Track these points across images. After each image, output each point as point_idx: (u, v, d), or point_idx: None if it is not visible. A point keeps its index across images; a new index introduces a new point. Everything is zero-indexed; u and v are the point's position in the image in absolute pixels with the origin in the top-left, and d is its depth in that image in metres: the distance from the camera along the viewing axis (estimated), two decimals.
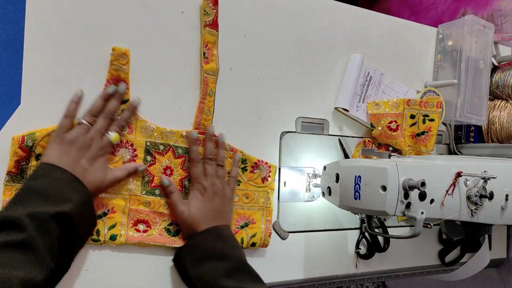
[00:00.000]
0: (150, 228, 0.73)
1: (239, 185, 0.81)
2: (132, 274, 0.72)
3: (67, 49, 0.68)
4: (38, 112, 0.66)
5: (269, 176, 0.84)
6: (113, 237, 0.70)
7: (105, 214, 0.70)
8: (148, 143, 0.74)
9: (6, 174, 0.64)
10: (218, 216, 0.74)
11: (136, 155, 0.73)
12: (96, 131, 0.67)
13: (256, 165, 0.82)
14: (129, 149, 0.72)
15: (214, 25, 0.78)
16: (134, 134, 0.73)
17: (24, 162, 0.65)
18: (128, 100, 0.72)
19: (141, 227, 0.73)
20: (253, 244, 0.81)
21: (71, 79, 0.68)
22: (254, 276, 0.67)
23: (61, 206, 0.58)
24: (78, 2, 0.69)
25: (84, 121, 0.67)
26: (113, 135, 0.69)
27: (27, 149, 0.65)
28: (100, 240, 0.69)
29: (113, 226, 0.70)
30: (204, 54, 0.77)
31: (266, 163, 0.84)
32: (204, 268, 0.66)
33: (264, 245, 0.82)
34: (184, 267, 0.70)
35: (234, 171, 0.79)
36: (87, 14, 0.70)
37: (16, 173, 0.65)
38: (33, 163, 0.65)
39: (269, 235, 0.83)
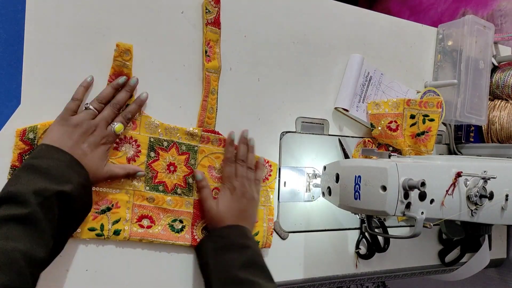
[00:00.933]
0: (154, 224, 0.73)
1: None
2: (134, 271, 0.72)
3: (67, 49, 0.68)
4: (38, 111, 0.66)
5: (269, 175, 0.84)
6: (116, 232, 0.70)
7: (109, 209, 0.70)
8: (152, 139, 0.74)
9: (10, 168, 0.64)
10: (243, 216, 0.76)
11: (140, 151, 0.73)
12: (102, 118, 0.68)
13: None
14: (132, 145, 0.72)
15: (216, 23, 0.78)
16: (138, 130, 0.73)
17: (28, 156, 0.65)
18: (132, 95, 0.72)
19: (145, 222, 0.73)
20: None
21: (71, 78, 0.68)
22: (267, 274, 0.68)
23: (62, 185, 0.58)
24: (78, 2, 0.69)
25: (91, 107, 0.67)
26: (117, 125, 0.69)
27: (28, 142, 0.65)
28: (103, 235, 0.69)
29: (117, 221, 0.70)
30: (206, 52, 0.78)
31: (268, 161, 0.84)
32: (223, 258, 0.68)
33: (267, 245, 0.82)
34: (206, 254, 0.71)
35: (259, 174, 0.81)
36: (87, 13, 0.70)
37: (19, 166, 0.65)
38: None
39: (271, 234, 0.83)
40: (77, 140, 0.65)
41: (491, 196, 0.77)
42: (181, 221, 0.75)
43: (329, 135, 0.93)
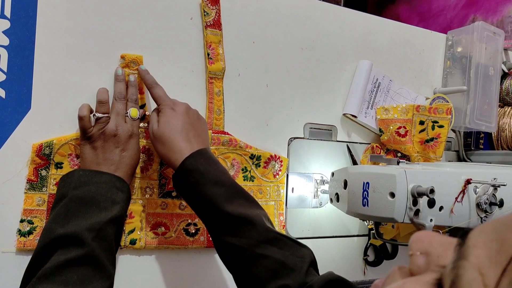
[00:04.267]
0: (169, 230, 0.74)
1: (253, 181, 0.82)
2: (151, 277, 0.73)
3: (78, 54, 0.69)
4: (49, 117, 0.67)
5: (280, 170, 0.84)
6: (132, 242, 0.71)
7: None
8: None
9: (27, 183, 0.65)
10: (189, 135, 0.66)
11: (153, 159, 0.74)
12: (117, 116, 0.66)
13: (269, 160, 0.83)
14: (145, 154, 0.73)
15: (216, 24, 0.79)
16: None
17: (44, 171, 0.66)
18: (144, 105, 0.73)
19: (160, 230, 0.73)
20: None
21: (81, 84, 0.69)
22: (251, 200, 0.65)
23: (111, 211, 0.58)
24: (88, 9, 0.70)
25: (100, 114, 0.65)
26: (131, 111, 0.68)
27: (44, 157, 0.66)
28: (120, 245, 0.70)
29: (132, 231, 0.71)
30: (208, 55, 0.78)
31: (279, 157, 0.84)
32: (200, 195, 0.62)
33: None
34: (184, 192, 0.65)
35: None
36: (97, 20, 0.70)
37: (37, 181, 0.65)
38: (53, 171, 0.66)
39: (283, 228, 0.84)
40: (107, 152, 0.64)
41: (501, 204, 0.77)
42: (195, 225, 0.76)
43: (337, 141, 0.93)
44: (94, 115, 0.65)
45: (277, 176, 0.84)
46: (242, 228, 0.60)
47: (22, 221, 0.65)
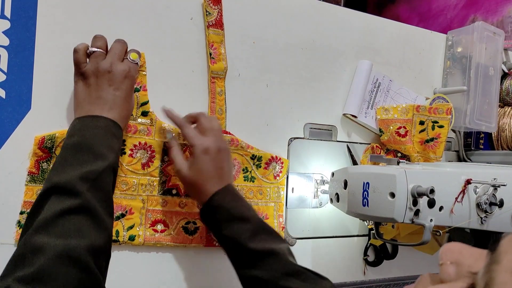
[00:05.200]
0: (168, 228, 0.74)
1: (253, 181, 0.82)
2: (149, 273, 0.73)
3: None
4: (49, 116, 0.67)
5: (280, 172, 0.84)
6: (131, 238, 0.71)
7: (123, 215, 0.71)
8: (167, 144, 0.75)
9: (28, 175, 0.65)
10: (221, 172, 0.67)
11: (154, 156, 0.74)
12: (113, 54, 0.64)
13: (270, 161, 0.83)
14: (147, 151, 0.73)
15: (218, 24, 0.79)
16: (152, 135, 0.73)
17: (46, 164, 0.66)
18: (147, 101, 0.73)
19: (159, 227, 0.73)
20: None
21: None
22: (274, 235, 0.66)
23: (107, 158, 0.56)
24: (88, 9, 0.70)
25: (96, 49, 0.63)
26: (131, 53, 0.65)
27: (46, 150, 0.66)
28: (119, 241, 0.70)
29: (131, 227, 0.71)
30: (210, 54, 0.78)
31: (280, 158, 0.84)
32: (226, 231, 0.64)
33: None
34: (210, 226, 0.67)
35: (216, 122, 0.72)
36: (97, 20, 0.70)
37: (38, 173, 0.66)
38: None
39: (282, 229, 0.83)
40: (101, 88, 0.61)
41: (501, 204, 0.77)
42: (194, 223, 0.76)
43: (337, 141, 0.93)
44: (88, 49, 0.63)
45: (278, 178, 0.84)
46: (266, 260, 0.61)
47: (22, 213, 0.65)
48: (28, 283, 0.44)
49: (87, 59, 0.64)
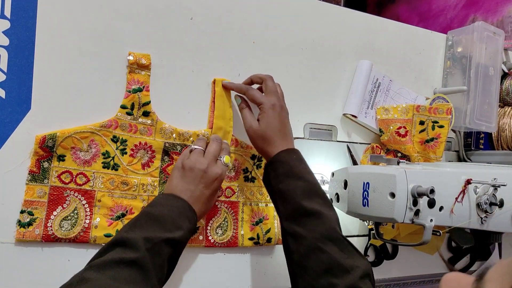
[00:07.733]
0: None
1: (254, 181, 0.82)
2: None
3: (77, 55, 0.69)
4: (48, 117, 0.67)
5: None
6: None
7: (123, 215, 0.71)
8: (167, 144, 0.75)
9: (28, 174, 0.65)
10: (285, 131, 0.74)
11: (154, 156, 0.74)
12: (211, 154, 0.70)
13: None
14: (147, 151, 0.73)
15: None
16: (153, 136, 0.74)
17: (46, 163, 0.66)
18: (149, 102, 0.73)
19: None
20: (269, 240, 0.82)
21: (81, 84, 0.69)
22: (327, 202, 0.69)
23: (173, 233, 0.60)
24: (88, 9, 0.70)
25: (197, 146, 0.71)
26: (224, 157, 0.71)
27: (47, 149, 0.66)
28: None
29: None
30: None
31: None
32: (284, 184, 0.69)
33: (280, 241, 0.82)
34: (269, 182, 0.72)
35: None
36: (97, 20, 0.70)
37: (38, 172, 0.66)
38: (56, 163, 0.67)
39: None
40: (194, 183, 0.67)
41: (501, 204, 0.77)
42: None
43: (338, 141, 0.93)
44: (190, 146, 0.72)
45: None
46: (311, 220, 0.64)
47: (22, 212, 0.65)
48: None
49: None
